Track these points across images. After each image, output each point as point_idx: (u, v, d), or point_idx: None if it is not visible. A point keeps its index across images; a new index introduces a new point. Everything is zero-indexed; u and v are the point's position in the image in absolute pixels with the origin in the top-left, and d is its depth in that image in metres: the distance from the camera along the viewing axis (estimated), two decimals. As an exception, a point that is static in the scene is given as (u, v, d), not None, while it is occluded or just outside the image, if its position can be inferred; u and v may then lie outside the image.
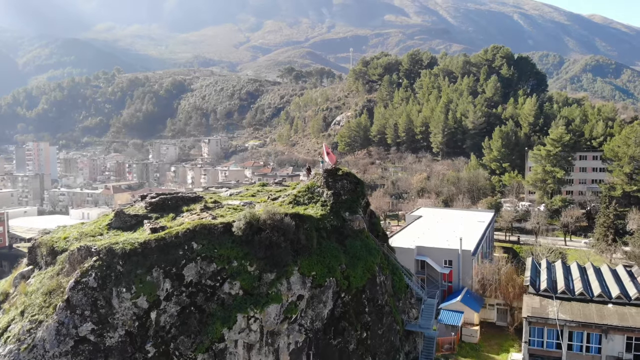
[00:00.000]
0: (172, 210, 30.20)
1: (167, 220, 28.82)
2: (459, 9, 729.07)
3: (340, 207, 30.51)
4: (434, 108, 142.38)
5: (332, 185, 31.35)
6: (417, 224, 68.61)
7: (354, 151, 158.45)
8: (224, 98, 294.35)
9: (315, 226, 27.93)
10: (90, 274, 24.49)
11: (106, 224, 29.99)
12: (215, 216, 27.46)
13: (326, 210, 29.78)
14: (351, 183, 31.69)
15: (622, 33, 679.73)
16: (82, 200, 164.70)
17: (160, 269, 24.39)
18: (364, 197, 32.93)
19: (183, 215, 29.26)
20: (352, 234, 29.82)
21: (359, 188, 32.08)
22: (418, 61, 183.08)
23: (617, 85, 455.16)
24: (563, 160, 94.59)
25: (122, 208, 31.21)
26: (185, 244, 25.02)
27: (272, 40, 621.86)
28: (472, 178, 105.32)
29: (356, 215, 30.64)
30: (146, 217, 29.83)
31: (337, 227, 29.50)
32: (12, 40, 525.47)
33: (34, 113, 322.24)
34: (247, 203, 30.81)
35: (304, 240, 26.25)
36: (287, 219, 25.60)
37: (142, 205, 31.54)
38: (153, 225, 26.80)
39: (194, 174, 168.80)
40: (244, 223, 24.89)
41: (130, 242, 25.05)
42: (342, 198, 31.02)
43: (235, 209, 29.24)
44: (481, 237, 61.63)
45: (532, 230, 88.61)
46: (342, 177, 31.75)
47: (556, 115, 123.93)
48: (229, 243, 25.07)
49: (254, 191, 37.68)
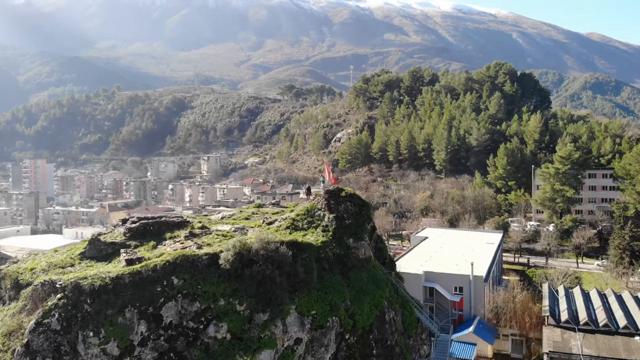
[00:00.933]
0: (154, 237, 26.78)
1: (147, 249, 25.38)
2: (458, 27, 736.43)
3: (343, 233, 27.08)
4: (436, 125, 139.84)
5: (334, 207, 28.00)
6: (423, 246, 64.93)
7: (354, 168, 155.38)
8: (224, 115, 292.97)
9: (316, 256, 24.47)
10: (54, 314, 21.01)
11: (79, 252, 26.59)
12: (201, 245, 24.02)
13: (328, 237, 26.35)
14: (355, 205, 28.31)
15: (620, 51, 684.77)
16: (77, 219, 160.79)
17: (135, 308, 20.88)
18: (370, 221, 29.52)
19: (165, 243, 25.82)
20: (357, 264, 26.32)
21: (364, 211, 28.69)
22: (419, 78, 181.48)
23: (617, 102, 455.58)
24: (572, 178, 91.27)
25: (97, 234, 27.81)
26: (165, 279, 21.53)
27: (272, 58, 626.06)
28: (478, 197, 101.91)
29: (361, 242, 27.18)
30: (124, 245, 26.41)
31: (340, 256, 26.02)
32: (14, 57, 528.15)
33: (33, 130, 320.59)
34: (238, 228, 27.40)
35: (303, 274, 22.76)
36: (283, 249, 22.15)
37: (121, 231, 28.15)
38: (129, 256, 23.34)
39: (192, 191, 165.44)
40: (232, 254, 21.44)
41: (100, 276, 21.56)
42: (346, 222, 27.61)
43: (224, 235, 25.81)
44: (492, 260, 57.90)
45: (543, 252, 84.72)
46: (345, 198, 28.41)
47: (562, 132, 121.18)
48: (215, 278, 21.58)
49: (249, 213, 34.28)
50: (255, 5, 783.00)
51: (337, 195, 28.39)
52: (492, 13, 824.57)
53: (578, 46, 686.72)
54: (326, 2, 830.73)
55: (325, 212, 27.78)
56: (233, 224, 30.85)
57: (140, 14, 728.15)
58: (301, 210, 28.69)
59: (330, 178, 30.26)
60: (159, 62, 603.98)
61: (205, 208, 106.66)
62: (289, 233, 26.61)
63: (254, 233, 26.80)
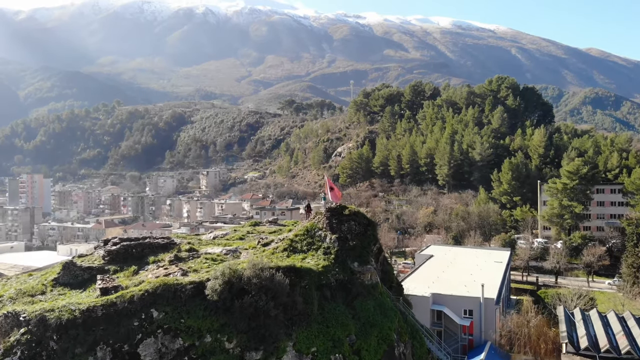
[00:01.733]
0: (135, 261, 24.08)
1: (127, 275, 22.65)
2: (457, 43, 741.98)
3: (347, 256, 24.36)
4: (438, 139, 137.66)
5: (336, 227, 25.32)
6: (429, 265, 61.92)
7: (355, 183, 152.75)
8: (224, 130, 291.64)
9: (316, 283, 21.72)
10: (16, 351, 18.31)
11: (52, 278, 23.85)
12: (186, 271, 21.29)
13: (330, 260, 23.61)
14: (360, 225, 25.63)
15: (619, 66, 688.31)
16: (73, 235, 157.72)
17: (108, 346, 18.11)
18: (376, 242, 26.80)
19: (148, 269, 23.10)
20: (363, 291, 23.53)
21: (370, 231, 25.99)
22: (420, 92, 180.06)
23: (617, 117, 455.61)
24: (581, 193, 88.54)
25: (74, 258, 25.11)
26: (143, 312, 18.77)
27: (273, 74, 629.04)
28: (483, 212, 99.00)
29: (367, 266, 24.43)
30: (102, 270, 23.70)
31: (343, 282, 23.26)
32: (15, 72, 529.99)
33: (32, 145, 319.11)
34: (230, 251, 24.69)
35: (302, 304, 19.98)
36: (279, 276, 19.42)
37: (100, 253, 25.46)
38: (105, 284, 20.60)
39: (190, 207, 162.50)
40: (220, 283, 18.71)
41: (69, 308, 18.83)
42: (350, 244, 24.90)
43: (214, 259, 23.09)
44: (502, 281, 54.86)
45: (552, 270, 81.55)
46: (348, 217, 25.74)
47: (567, 146, 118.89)
48: (201, 310, 18.81)
49: (244, 232, 31.59)
50: (256, 22, 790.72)
51: (339, 214, 25.75)
52: (491, 29, 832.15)
53: (577, 61, 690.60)
54: (326, 19, 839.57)
55: (326, 233, 25.10)
56: (225, 244, 28.16)
57: (141, 30, 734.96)
58: (300, 230, 26.01)
59: (337, 192, 27.50)
60: (160, 77, 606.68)
61: (203, 224, 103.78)
62: (287, 256, 23.91)
63: (247, 256, 24.11)
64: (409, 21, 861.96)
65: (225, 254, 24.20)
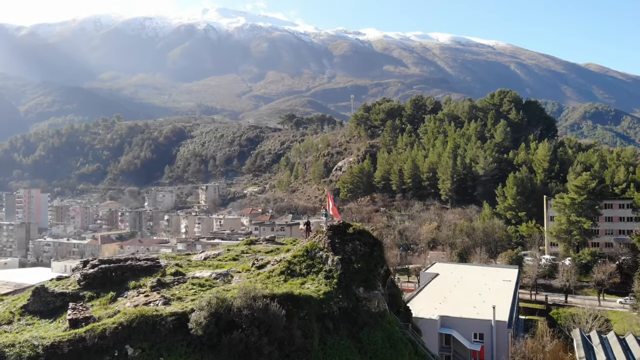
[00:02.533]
0: (115, 285, 21.50)
1: (103, 302, 20.06)
2: (457, 59, 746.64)
3: (351, 280, 21.78)
4: (440, 153, 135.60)
5: (339, 247, 22.79)
6: (435, 285, 59.07)
7: (356, 198, 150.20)
8: (223, 145, 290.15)
9: (317, 312, 19.13)
10: (-32, 393, 15.67)
11: (21, 305, 21.28)
12: (169, 299, 18.72)
13: (332, 286, 21.04)
14: (365, 245, 23.10)
15: (618, 81, 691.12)
16: (68, 251, 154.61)
17: (73, 389, 15.49)
18: (383, 264, 24.22)
19: (127, 295, 20.53)
20: (370, 321, 20.89)
21: (377, 251, 23.43)
22: (421, 106, 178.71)
23: (617, 132, 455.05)
24: (589, 209, 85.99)
25: (46, 283, 22.56)
26: (116, 349, 16.15)
27: (273, 89, 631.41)
28: (488, 228, 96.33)
29: (374, 292, 21.82)
30: (77, 296, 21.13)
31: (348, 311, 20.64)
32: (15, 88, 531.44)
33: (31, 160, 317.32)
34: (221, 275, 22.13)
35: (300, 339, 17.37)
36: (273, 306, 16.86)
37: (77, 277, 22.91)
38: (75, 315, 18.03)
39: (188, 222, 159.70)
40: (206, 315, 16.14)
41: (31, 344, 16.25)
42: (354, 266, 22.34)
43: (202, 285, 20.51)
44: (512, 301, 52.05)
45: (562, 289, 78.55)
46: (352, 236, 23.23)
47: (572, 160, 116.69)
48: (183, 347, 16.19)
49: (238, 252, 29.00)
50: (257, 38, 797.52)
51: (342, 233, 23.24)
52: (490, 45, 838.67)
53: (576, 77, 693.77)
54: (326, 36, 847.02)
55: (328, 253, 22.57)
56: (217, 266, 25.60)
57: (143, 46, 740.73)
58: (299, 251, 23.47)
59: (334, 211, 25.13)
60: (161, 92, 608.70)
61: (200, 240, 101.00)
62: (284, 280, 21.34)
63: (239, 281, 21.55)
64: (409, 37, 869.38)
65: (215, 278, 21.65)
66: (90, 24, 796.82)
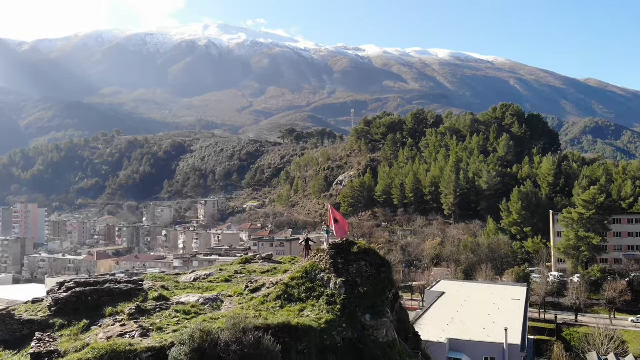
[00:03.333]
0: (90, 312, 19.06)
1: (73, 332, 17.60)
2: (456, 74, 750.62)
3: (356, 306, 19.36)
4: (443, 167, 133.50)
5: (343, 269, 20.42)
6: (441, 304, 56.27)
7: (357, 212, 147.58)
8: (223, 159, 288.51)
9: (318, 345, 16.69)
10: None
11: (-17, 334, 18.82)
12: (147, 330, 16.28)
13: (335, 313, 18.62)
14: (372, 265, 20.71)
15: (618, 96, 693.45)
16: (63, 267, 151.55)
17: None
18: (392, 287, 21.79)
19: (102, 323, 18.09)
20: (378, 353, 18.41)
21: (384, 273, 21.02)
22: (423, 120, 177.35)
23: (617, 146, 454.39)
24: (598, 224, 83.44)
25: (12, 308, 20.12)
26: (80, 392, 13.73)
27: (274, 104, 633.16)
28: (493, 244, 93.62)
29: (382, 320, 19.39)
30: (46, 324, 18.69)
31: (352, 341, 18.19)
32: (16, 102, 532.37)
33: (29, 174, 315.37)
34: (209, 300, 19.70)
35: (298, 378, 14.91)
36: (267, 340, 14.43)
37: (49, 301, 20.48)
38: (38, 348, 15.61)
39: (186, 237, 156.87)
40: (187, 350, 13.71)
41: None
42: (359, 290, 19.94)
43: (187, 312, 18.08)
44: (524, 322, 49.26)
45: (572, 307, 75.57)
46: (358, 256, 20.87)
47: (577, 174, 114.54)
48: (160, 389, 13.77)
49: (231, 272, 26.56)
50: (258, 54, 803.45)
51: (346, 252, 20.89)
52: (489, 60, 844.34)
53: (575, 92, 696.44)
54: (326, 52, 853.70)
55: (330, 275, 20.18)
56: (208, 288, 23.16)
57: (144, 62, 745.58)
58: (298, 272, 21.07)
59: (342, 224, 22.68)
60: (162, 108, 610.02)
61: (197, 256, 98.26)
62: (280, 306, 18.93)
63: (230, 307, 19.14)
64: (408, 53, 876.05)
65: (203, 303, 19.21)
66: (92, 40, 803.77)
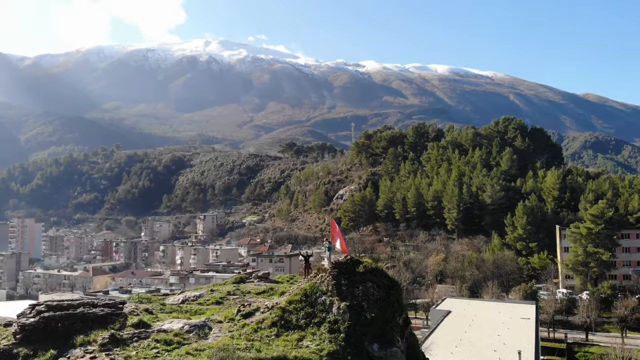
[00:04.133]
0: (60, 340, 16.68)
1: (36, 366, 15.27)
2: (455, 90, 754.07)
3: (363, 335, 17.01)
4: (445, 181, 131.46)
5: (347, 291, 18.09)
6: (448, 324, 53.56)
7: (358, 227, 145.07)
8: (223, 173, 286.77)
9: (319, 382, 14.34)
10: None
11: (-62, 366, 16.47)
12: (120, 364, 13.98)
13: (338, 342, 16.26)
14: (380, 288, 18.37)
15: (617, 111, 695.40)
16: (58, 283, 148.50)
17: None
18: (402, 312, 19.43)
19: (70, 355, 15.77)
20: (388, 389, 16.02)
21: (394, 296, 18.65)
22: (424, 134, 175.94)
23: (618, 161, 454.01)
24: (607, 239, 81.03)
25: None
26: None
27: (274, 119, 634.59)
28: (498, 260, 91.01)
29: (392, 349, 17.01)
30: (9, 354, 16.36)
31: (359, 376, 15.83)
32: (17, 117, 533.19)
33: (28, 189, 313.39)
34: (195, 327, 17.36)
35: None
36: (259, 380, 12.12)
37: (14, 327, 18.17)
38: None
39: (184, 253, 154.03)
40: (163, 394, 11.40)
41: None
42: (366, 316, 17.59)
43: (168, 342, 15.75)
44: (535, 344, 46.60)
45: (582, 325, 72.74)
46: (364, 277, 18.55)
47: (583, 188, 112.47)
48: None
49: (223, 293, 24.18)
50: (259, 70, 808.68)
51: (350, 272, 18.59)
52: (488, 76, 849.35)
53: (575, 107, 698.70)
54: (326, 67, 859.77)
55: (333, 299, 17.86)
56: (196, 312, 20.82)
57: (145, 77, 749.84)
58: (296, 294, 18.74)
59: (341, 243, 20.53)
60: (163, 122, 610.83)
61: (193, 273, 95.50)
62: (275, 334, 16.60)
63: (219, 335, 16.82)
64: (407, 69, 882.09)
65: (188, 331, 16.88)
66: (93, 55, 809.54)
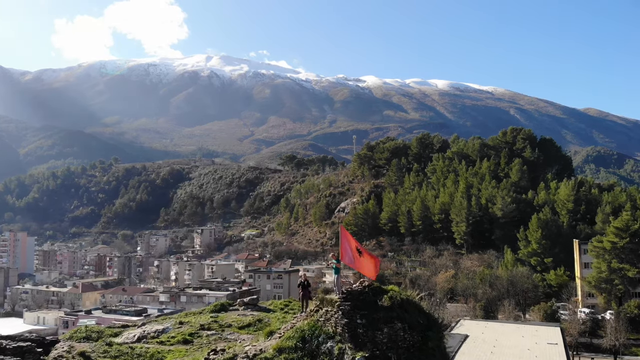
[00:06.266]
0: None
1: None
2: (456, 104, 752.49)
3: (390, 403, 11.08)
4: (452, 193, 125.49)
5: (364, 335, 12.12)
6: (467, 350, 46.97)
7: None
8: (222, 186, 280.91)
9: None
10: None
11: None
12: None
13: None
14: (413, 330, 12.43)
15: (618, 125, 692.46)
16: (46, 300, 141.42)
17: None
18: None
19: None
20: None
21: (433, 342, 12.70)
22: (428, 145, 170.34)
23: (621, 175, 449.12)
24: (632, 254, 74.81)
25: None
26: None
27: (275, 133, 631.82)
28: (513, 277, 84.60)
29: None
30: None
31: None
32: (17, 131, 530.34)
33: (24, 202, 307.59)
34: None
35: None
36: None
37: None
38: None
39: (178, 268, 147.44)
40: None
41: None
42: (394, 371, 11.67)
43: None
44: (571, 375, 40.23)
45: (610, 349, 66.14)
46: (389, 313, 12.57)
47: (598, 200, 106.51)
48: None
49: (195, 328, 18.23)
50: (260, 85, 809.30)
51: (370, 306, 12.65)
52: (488, 90, 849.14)
53: (576, 121, 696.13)
54: (327, 82, 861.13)
55: (343, 347, 11.89)
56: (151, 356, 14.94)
57: (146, 92, 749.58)
58: (289, 338, 12.75)
59: (369, 259, 14.61)
60: (163, 137, 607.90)
61: (185, 291, 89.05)
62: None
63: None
64: (407, 84, 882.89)
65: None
66: (95, 70, 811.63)
